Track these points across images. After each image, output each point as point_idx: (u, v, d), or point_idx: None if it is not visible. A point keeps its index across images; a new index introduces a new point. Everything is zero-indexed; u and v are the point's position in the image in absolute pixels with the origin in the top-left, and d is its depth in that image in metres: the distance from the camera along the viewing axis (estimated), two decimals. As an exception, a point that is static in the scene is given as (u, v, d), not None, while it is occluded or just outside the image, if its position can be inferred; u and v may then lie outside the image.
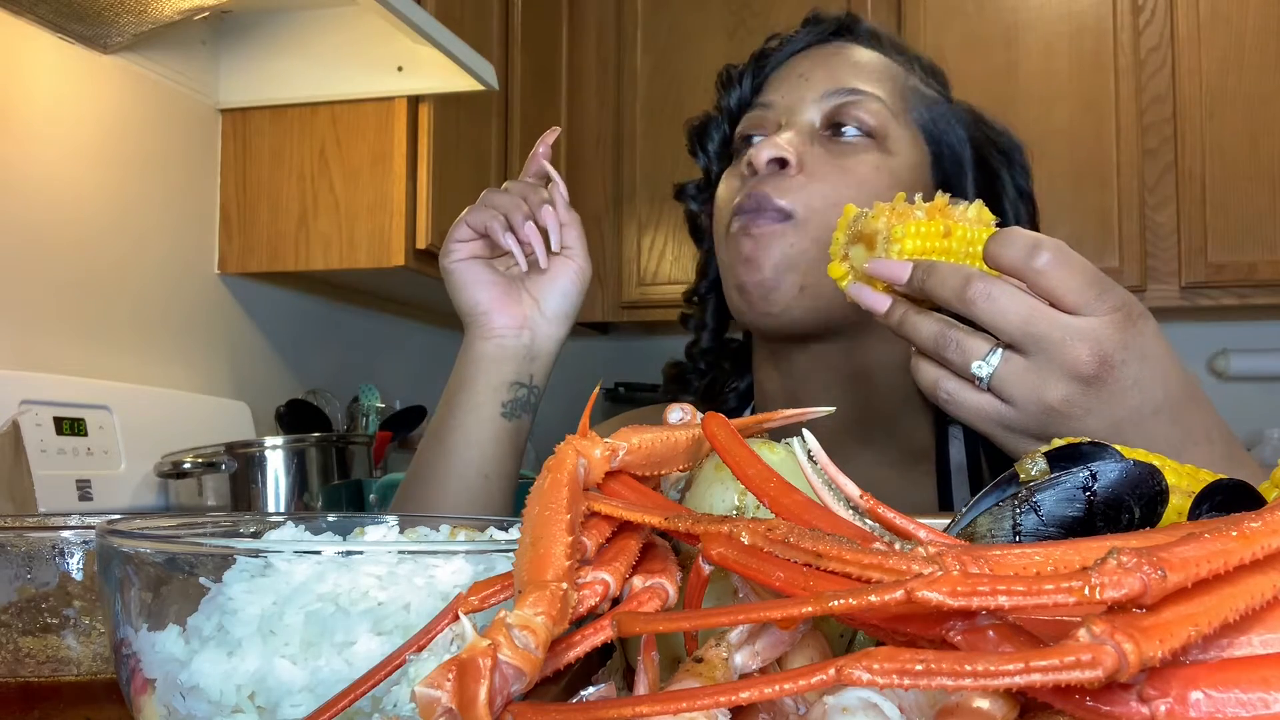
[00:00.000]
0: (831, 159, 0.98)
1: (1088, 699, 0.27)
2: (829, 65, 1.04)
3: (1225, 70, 2.58)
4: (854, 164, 0.98)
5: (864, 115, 0.99)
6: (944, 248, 0.74)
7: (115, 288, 1.81)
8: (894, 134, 1.01)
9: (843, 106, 1.00)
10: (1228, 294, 2.59)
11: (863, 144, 0.99)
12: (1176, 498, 0.44)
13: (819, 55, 1.06)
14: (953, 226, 0.74)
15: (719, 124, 1.12)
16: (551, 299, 1.06)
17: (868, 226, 0.75)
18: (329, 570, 0.41)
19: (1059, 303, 0.67)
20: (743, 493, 0.44)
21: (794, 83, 1.04)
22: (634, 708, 0.29)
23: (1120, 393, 0.67)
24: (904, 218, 0.74)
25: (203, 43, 1.99)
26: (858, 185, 0.97)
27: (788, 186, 0.97)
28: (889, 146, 1.00)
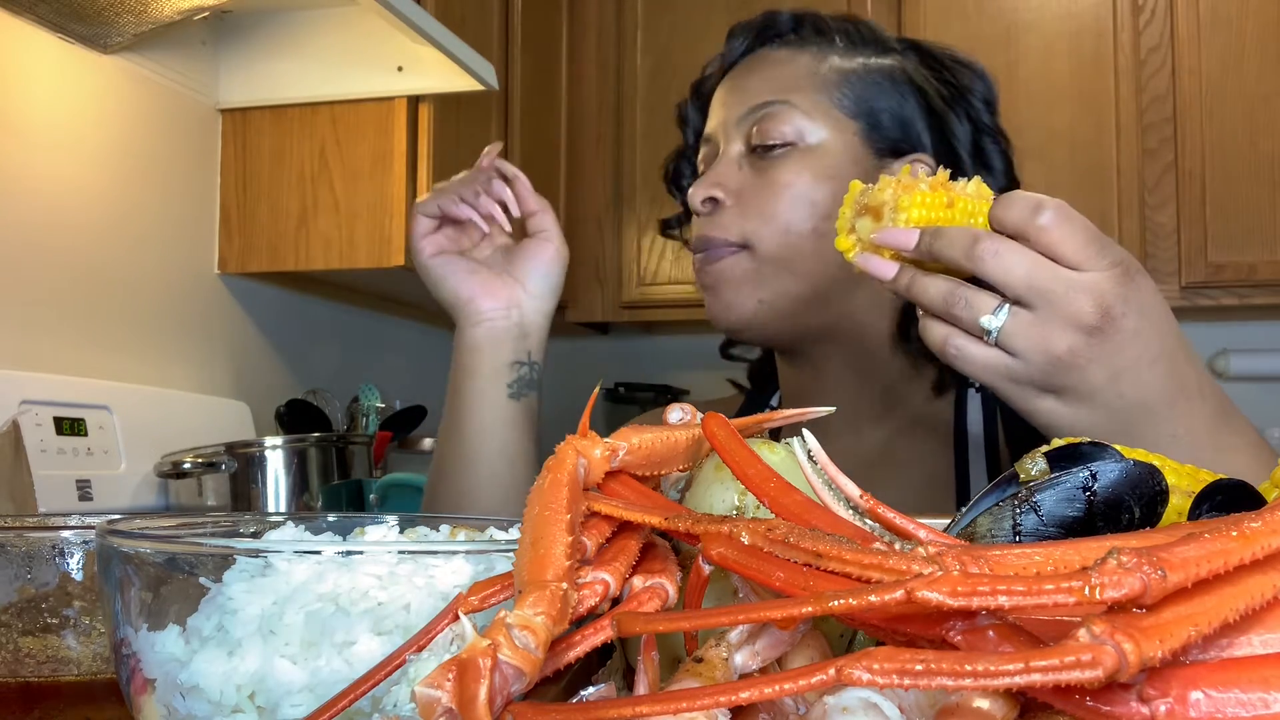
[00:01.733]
0: (759, 178, 1.04)
1: (1088, 699, 0.27)
2: (743, 85, 1.08)
3: (1225, 70, 2.58)
4: (778, 176, 1.03)
5: (777, 126, 1.04)
6: (948, 217, 0.76)
7: (115, 288, 1.81)
8: (811, 130, 1.04)
9: (758, 125, 1.04)
10: (1228, 294, 2.59)
11: (785, 153, 1.04)
12: (1176, 498, 0.44)
13: (738, 74, 1.10)
14: (955, 198, 0.76)
15: (688, 158, 1.18)
16: (533, 277, 1.09)
17: (874, 199, 0.77)
18: (329, 570, 0.41)
19: (1061, 259, 0.69)
20: (743, 493, 0.44)
21: (717, 110, 1.09)
22: (634, 708, 0.29)
23: (1121, 343, 0.70)
24: (909, 189, 0.76)
25: (203, 43, 1.99)
26: (786, 194, 1.02)
27: (725, 221, 1.03)
28: (810, 145, 1.04)
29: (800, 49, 1.09)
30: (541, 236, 1.09)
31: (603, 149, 2.90)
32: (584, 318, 2.94)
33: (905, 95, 1.08)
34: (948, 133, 1.09)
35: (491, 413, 1.05)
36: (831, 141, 1.04)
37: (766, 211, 1.02)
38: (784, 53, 1.09)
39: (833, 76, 1.07)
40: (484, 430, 1.05)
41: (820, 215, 1.03)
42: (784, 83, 1.06)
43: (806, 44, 1.09)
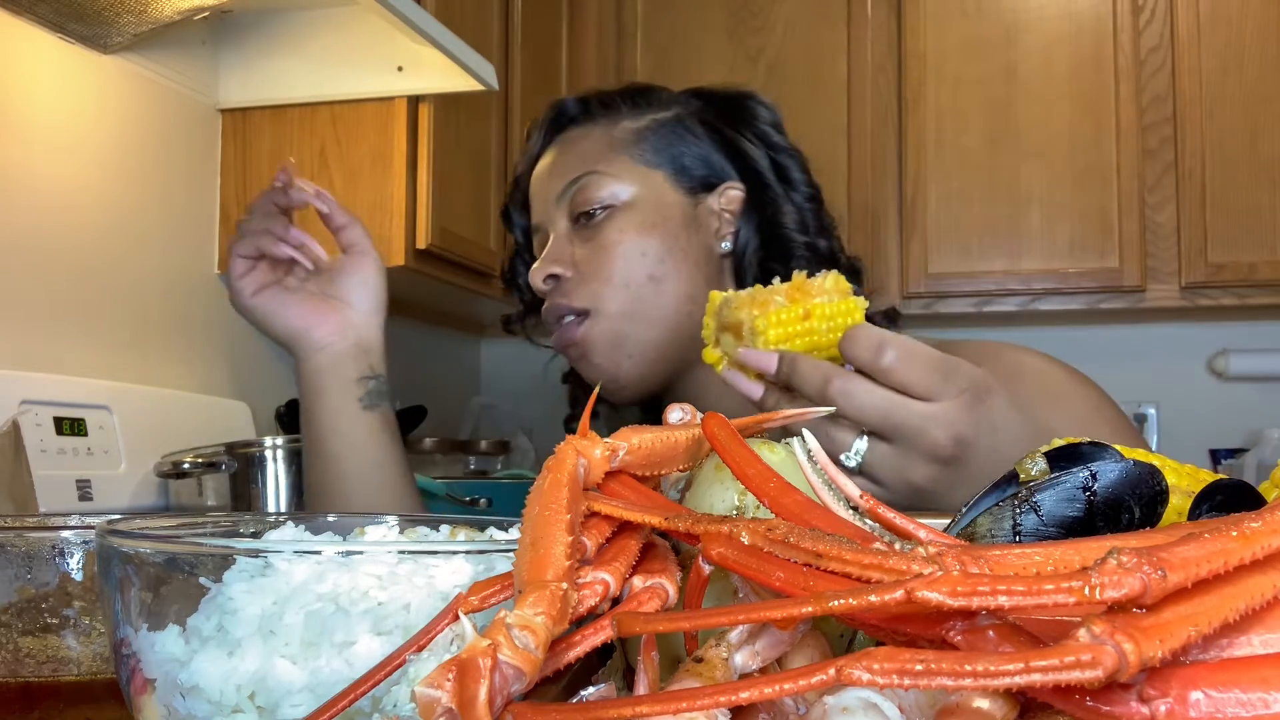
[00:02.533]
0: (589, 245, 1.09)
1: (1088, 699, 0.27)
2: (548, 171, 1.14)
3: (1225, 70, 2.58)
4: (605, 238, 1.08)
5: (592, 193, 1.10)
6: (806, 329, 0.80)
7: (115, 288, 1.81)
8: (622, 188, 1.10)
9: (574, 197, 1.10)
10: (1228, 294, 2.59)
11: (606, 215, 1.09)
12: (1176, 498, 0.44)
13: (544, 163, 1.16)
14: (812, 308, 0.80)
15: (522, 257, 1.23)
16: (358, 295, 1.14)
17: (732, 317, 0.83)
18: (329, 570, 0.41)
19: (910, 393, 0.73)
20: (743, 493, 0.44)
21: (536, 200, 1.15)
22: (634, 708, 0.29)
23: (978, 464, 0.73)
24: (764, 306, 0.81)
25: (203, 43, 1.99)
26: (617, 251, 1.08)
27: (568, 291, 1.08)
28: (626, 201, 1.10)
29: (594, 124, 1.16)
30: (356, 251, 1.16)
31: (603, 149, 2.90)
32: (584, 318, 2.94)
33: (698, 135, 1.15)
34: (746, 158, 1.15)
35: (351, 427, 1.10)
36: (643, 193, 1.10)
37: (604, 273, 1.07)
38: (579, 131, 1.16)
39: (628, 138, 1.13)
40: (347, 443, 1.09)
41: (654, 261, 1.08)
42: (587, 155, 1.13)
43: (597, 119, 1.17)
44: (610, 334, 1.08)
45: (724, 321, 0.84)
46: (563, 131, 1.19)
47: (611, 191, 1.09)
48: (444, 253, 2.17)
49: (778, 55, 2.74)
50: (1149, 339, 2.90)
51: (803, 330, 0.79)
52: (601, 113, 1.18)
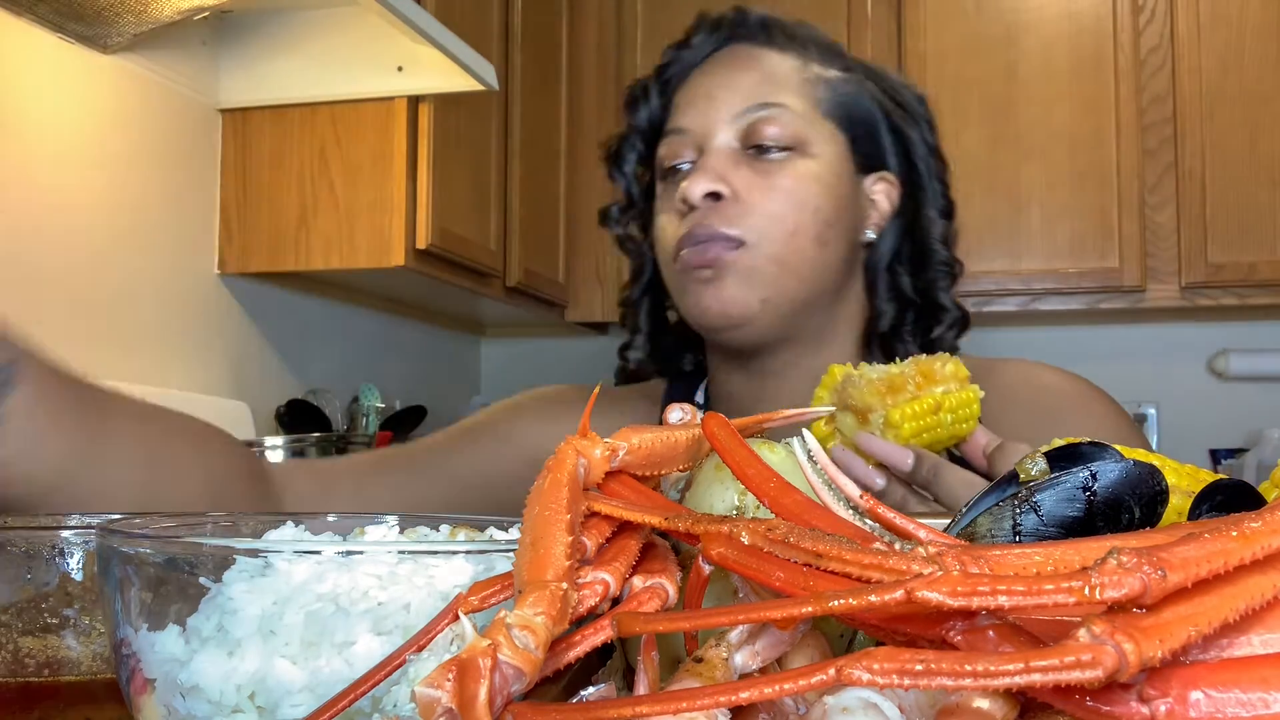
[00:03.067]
0: (760, 179, 1.02)
1: (1088, 699, 0.27)
2: (732, 82, 1.06)
3: (1225, 70, 2.58)
4: (783, 180, 1.02)
5: (778, 130, 1.03)
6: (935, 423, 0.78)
7: (115, 288, 1.81)
8: (810, 136, 1.04)
9: (756, 125, 1.03)
10: (1228, 294, 2.59)
11: (785, 157, 1.03)
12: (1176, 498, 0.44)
13: (720, 69, 1.08)
14: (941, 400, 0.79)
15: (632, 143, 1.15)
16: None
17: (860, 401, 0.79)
18: (329, 570, 0.41)
19: None
20: (743, 493, 0.44)
21: (702, 106, 1.06)
22: (634, 708, 0.29)
23: None
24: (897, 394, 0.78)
25: (203, 43, 1.99)
26: (792, 199, 1.02)
27: (729, 215, 1.01)
28: (810, 151, 1.04)
29: (778, 51, 1.09)
30: None
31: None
32: (584, 318, 2.94)
33: (873, 111, 1.10)
34: (910, 155, 1.11)
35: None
36: (826, 150, 1.05)
37: (773, 212, 1.01)
38: (766, 53, 1.08)
39: (818, 85, 1.07)
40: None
41: (822, 223, 1.03)
42: (776, 84, 1.05)
43: (783, 48, 1.09)
44: (759, 272, 1.01)
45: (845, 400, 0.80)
46: (734, 43, 1.10)
47: (797, 135, 1.03)
48: (444, 253, 2.17)
49: (778, 55, 2.74)
50: (1149, 339, 2.90)
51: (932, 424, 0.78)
52: (787, 43, 1.10)
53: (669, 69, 1.13)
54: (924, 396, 0.78)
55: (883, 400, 0.78)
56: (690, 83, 1.10)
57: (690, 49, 1.12)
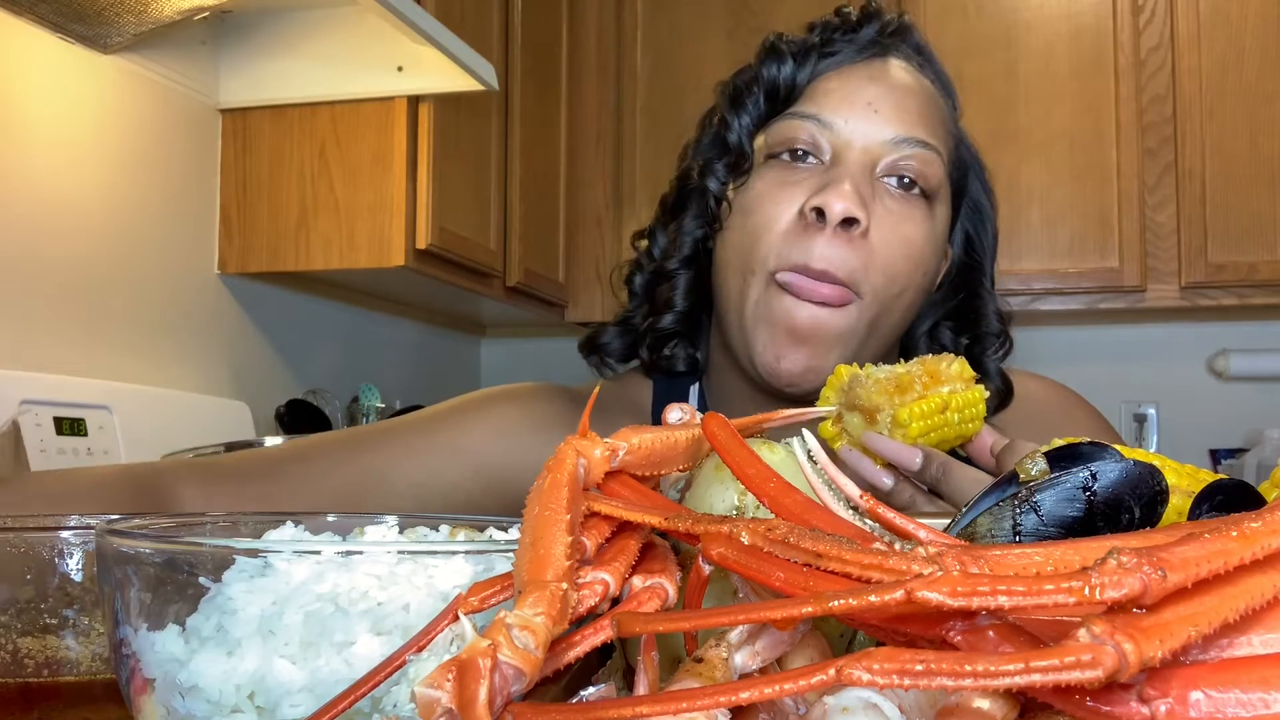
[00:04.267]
0: (891, 221, 0.94)
1: (1088, 699, 0.27)
2: (901, 103, 0.97)
3: (1225, 70, 2.58)
4: (910, 230, 0.95)
5: (930, 175, 0.96)
6: (942, 422, 0.78)
7: (115, 288, 1.81)
8: (941, 192, 0.98)
9: (908, 160, 0.95)
10: (1228, 294, 2.59)
11: (918, 202, 0.96)
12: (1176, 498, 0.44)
13: (885, 81, 0.98)
14: (948, 399, 0.78)
15: (756, 98, 1.01)
16: None
17: (868, 400, 0.79)
18: (329, 570, 0.41)
19: None
20: (743, 493, 0.44)
21: (861, 112, 0.96)
22: (634, 708, 0.29)
23: None
24: (904, 393, 0.78)
25: (203, 43, 1.99)
26: (911, 256, 0.95)
27: (854, 254, 0.92)
28: (935, 206, 0.98)
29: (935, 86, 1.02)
30: None
31: (603, 149, 2.90)
32: (584, 318, 2.94)
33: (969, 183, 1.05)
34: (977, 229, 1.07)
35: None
36: (942, 211, 0.99)
37: (893, 269, 0.94)
38: (926, 84, 1.01)
39: (951, 140, 1.01)
40: None
41: (919, 290, 0.98)
42: (934, 124, 0.99)
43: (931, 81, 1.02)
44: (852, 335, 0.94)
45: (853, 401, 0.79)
46: (895, 55, 1.01)
47: (937, 185, 0.97)
48: (444, 253, 2.17)
49: (778, 55, 2.74)
50: (1149, 339, 2.90)
51: (939, 423, 0.78)
52: (936, 81, 1.02)
53: (831, 46, 1.00)
54: (931, 396, 0.78)
55: (890, 400, 0.78)
56: (848, 75, 0.98)
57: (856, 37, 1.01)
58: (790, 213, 0.94)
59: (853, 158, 0.95)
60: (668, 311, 1.07)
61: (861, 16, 1.03)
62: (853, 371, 0.81)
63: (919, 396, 0.78)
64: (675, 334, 1.08)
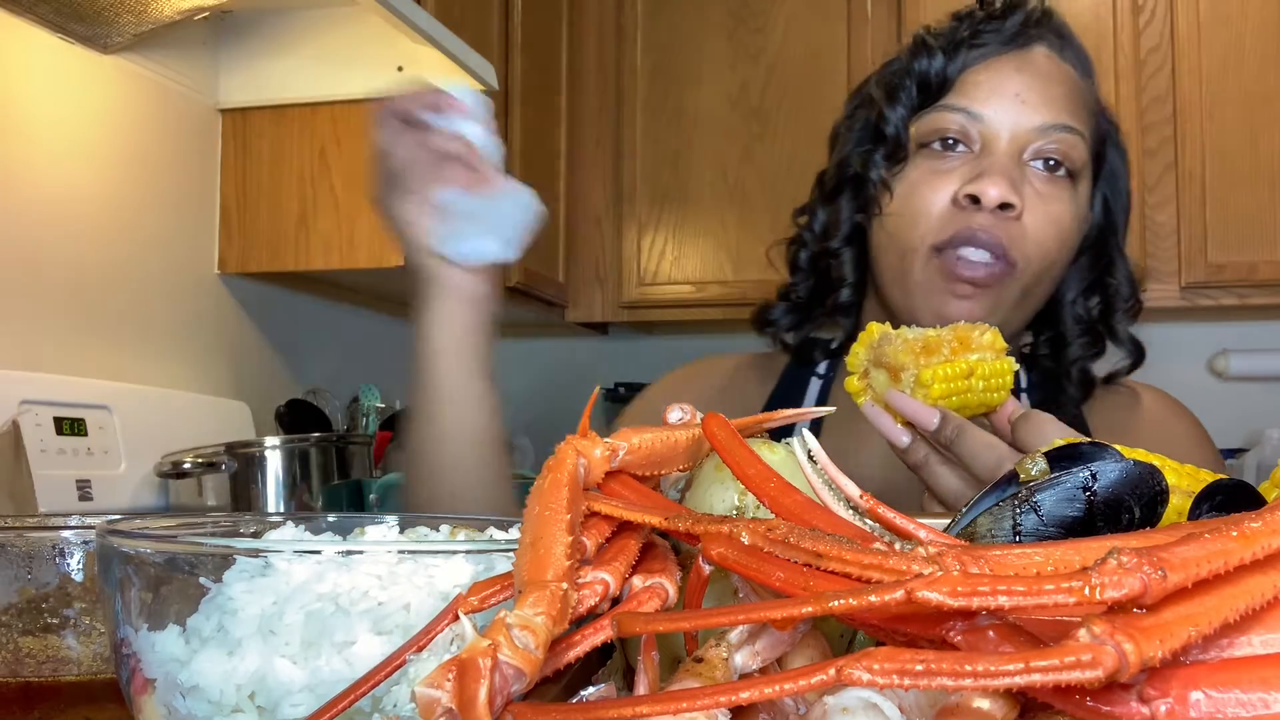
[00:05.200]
0: (1041, 203, 1.00)
1: (1088, 699, 0.27)
2: (1046, 91, 1.02)
3: (1225, 70, 2.58)
4: (1059, 210, 1.01)
5: (1075, 156, 1.02)
6: (965, 387, 0.78)
7: (115, 288, 1.81)
8: (1084, 171, 1.04)
9: (1055, 145, 1.01)
10: (1228, 294, 2.59)
11: (1063, 183, 1.02)
12: (1176, 498, 0.44)
13: (1030, 70, 1.03)
14: (975, 365, 0.79)
15: (909, 90, 1.06)
16: None
17: (894, 359, 0.80)
18: (329, 570, 0.41)
19: None
20: (743, 493, 0.44)
21: (1009, 103, 1.02)
22: (634, 708, 0.29)
23: None
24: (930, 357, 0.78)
25: (203, 43, 1.99)
26: (1060, 234, 1.02)
27: (1013, 233, 0.99)
28: (1079, 184, 1.04)
29: (1075, 69, 1.07)
30: None
31: (603, 149, 2.90)
32: (584, 318, 2.94)
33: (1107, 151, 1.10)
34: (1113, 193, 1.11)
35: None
36: (1085, 188, 1.05)
37: (1043, 242, 1.00)
38: (1068, 69, 1.06)
39: (1094, 117, 1.07)
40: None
41: (1066, 262, 1.05)
42: (1078, 107, 1.04)
43: (1075, 66, 1.07)
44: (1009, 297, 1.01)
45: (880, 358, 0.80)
46: (1039, 44, 1.05)
47: (1083, 164, 1.03)
48: (444, 253, 2.17)
49: (778, 55, 2.74)
50: (1149, 339, 2.90)
51: (962, 388, 0.78)
52: (1079, 63, 1.08)
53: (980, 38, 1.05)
54: (958, 361, 0.78)
55: (916, 360, 0.78)
56: (996, 66, 1.04)
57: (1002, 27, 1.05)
58: (944, 199, 1.01)
59: (1002, 146, 1.01)
60: (842, 286, 1.13)
61: (1006, 6, 1.07)
62: (884, 329, 0.82)
63: (945, 360, 0.78)
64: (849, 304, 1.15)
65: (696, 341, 3.18)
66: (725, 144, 2.76)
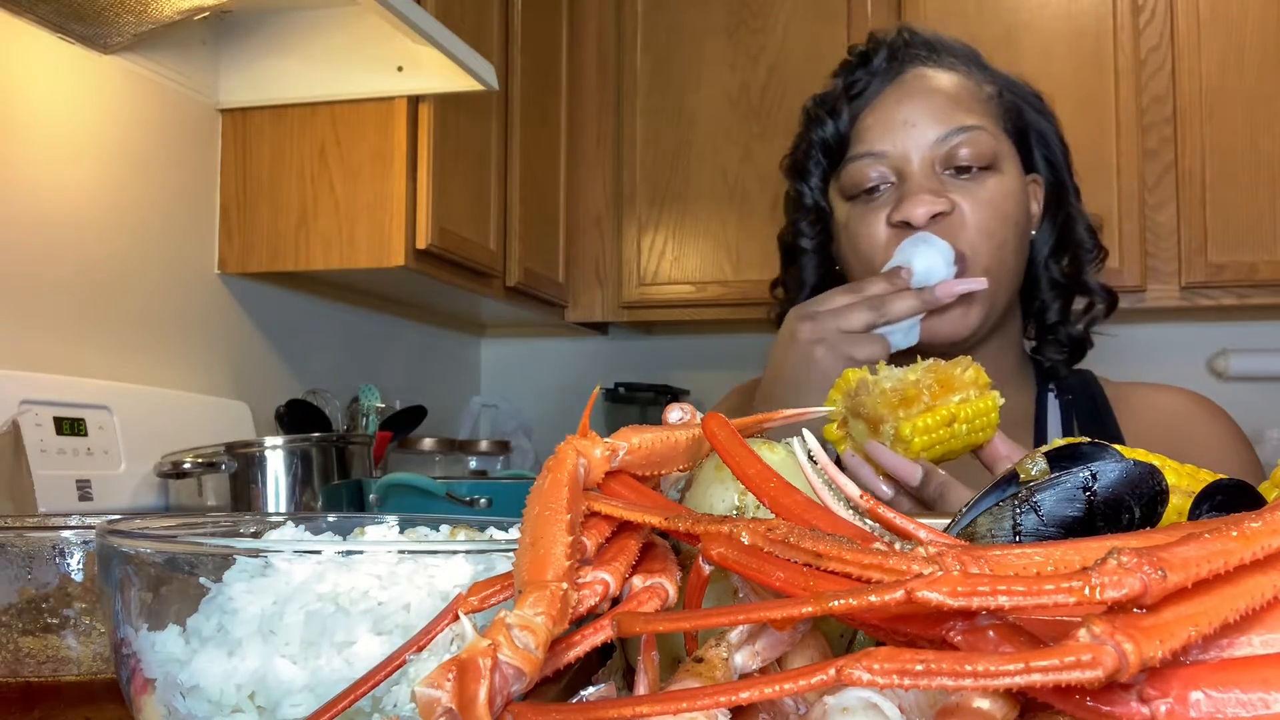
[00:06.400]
0: (969, 197, 1.07)
1: (1088, 699, 0.27)
2: (928, 107, 1.10)
3: (1225, 70, 2.58)
4: (987, 195, 1.07)
5: (978, 151, 1.08)
6: (949, 435, 0.77)
7: (115, 288, 1.81)
8: (999, 152, 1.10)
9: (957, 148, 1.08)
10: (1228, 294, 2.59)
11: (983, 175, 1.08)
12: (1176, 498, 0.44)
13: (911, 94, 1.12)
14: (955, 411, 0.77)
15: (816, 160, 1.17)
16: None
17: (872, 409, 0.78)
18: (329, 570, 0.41)
19: None
20: (743, 493, 0.44)
21: (902, 132, 1.09)
22: (634, 708, 0.29)
23: None
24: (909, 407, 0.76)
25: (203, 43, 1.99)
26: (999, 213, 1.07)
27: (951, 229, 1.05)
28: (1001, 167, 1.09)
29: (951, 72, 1.14)
30: None
31: (603, 149, 2.90)
32: (584, 318, 2.94)
33: (1025, 119, 1.15)
34: (1050, 151, 1.16)
35: None
36: (1010, 165, 1.11)
37: (986, 227, 1.06)
38: (945, 75, 1.13)
39: (990, 101, 1.13)
40: None
41: (1019, 235, 1.10)
42: (965, 106, 1.11)
43: (953, 68, 1.14)
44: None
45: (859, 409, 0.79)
46: (911, 65, 1.15)
47: (994, 152, 1.08)
48: (444, 253, 2.17)
49: (778, 55, 2.74)
50: (1149, 339, 2.90)
51: (945, 436, 0.77)
52: (956, 63, 1.15)
53: (855, 88, 1.15)
54: (939, 408, 0.76)
55: (894, 412, 0.76)
56: (880, 106, 1.12)
57: (871, 70, 1.15)
58: (881, 229, 1.09)
59: (914, 169, 1.08)
60: None
61: (869, 49, 1.17)
62: (861, 376, 0.80)
63: (925, 408, 0.76)
64: None
65: (696, 341, 3.18)
66: (725, 144, 2.76)
